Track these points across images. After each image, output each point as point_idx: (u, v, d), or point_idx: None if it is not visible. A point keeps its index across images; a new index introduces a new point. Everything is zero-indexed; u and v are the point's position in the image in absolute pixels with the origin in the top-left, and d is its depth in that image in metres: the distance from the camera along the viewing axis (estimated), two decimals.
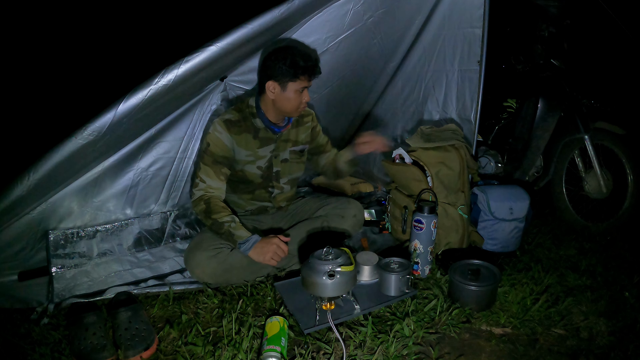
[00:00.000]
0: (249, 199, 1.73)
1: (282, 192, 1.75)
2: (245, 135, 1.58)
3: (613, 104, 2.14)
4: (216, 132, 1.54)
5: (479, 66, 1.78)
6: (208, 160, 1.54)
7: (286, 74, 1.46)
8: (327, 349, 1.12)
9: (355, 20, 1.77)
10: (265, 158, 1.64)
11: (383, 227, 2.00)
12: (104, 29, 3.80)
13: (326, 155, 1.85)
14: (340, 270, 1.14)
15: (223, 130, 1.54)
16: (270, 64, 1.48)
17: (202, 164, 1.55)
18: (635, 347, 1.14)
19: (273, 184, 1.70)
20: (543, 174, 2.23)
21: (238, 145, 1.58)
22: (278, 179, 1.71)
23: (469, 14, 1.78)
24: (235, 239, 1.46)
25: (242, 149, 1.59)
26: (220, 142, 1.54)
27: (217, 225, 1.48)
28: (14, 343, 1.18)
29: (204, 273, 1.47)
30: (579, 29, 2.18)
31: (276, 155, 1.66)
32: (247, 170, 1.63)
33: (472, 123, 1.86)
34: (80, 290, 1.46)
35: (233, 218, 1.50)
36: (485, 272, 1.36)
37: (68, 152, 1.21)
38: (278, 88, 1.50)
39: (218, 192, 1.55)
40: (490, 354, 1.14)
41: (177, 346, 1.15)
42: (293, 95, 1.50)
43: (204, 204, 1.51)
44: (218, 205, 1.51)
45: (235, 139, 1.56)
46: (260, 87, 1.55)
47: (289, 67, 1.45)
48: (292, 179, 1.76)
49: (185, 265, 1.56)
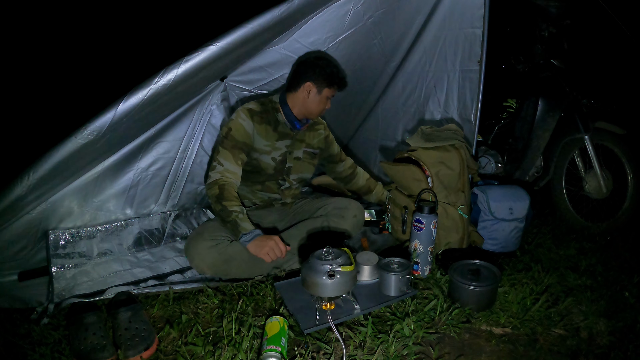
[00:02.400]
0: (259, 190, 1.77)
1: (290, 187, 1.81)
2: (266, 126, 1.68)
3: (613, 104, 2.14)
4: (240, 119, 1.61)
5: (479, 66, 1.78)
6: (228, 145, 1.59)
7: (326, 80, 1.64)
8: (327, 349, 1.12)
9: (355, 20, 1.77)
10: (281, 151, 1.71)
11: (383, 227, 2.00)
12: (104, 29, 3.80)
13: (342, 164, 2.00)
14: (340, 270, 1.14)
15: (246, 118, 1.62)
16: (313, 68, 1.64)
17: (222, 147, 1.60)
18: (635, 347, 1.14)
19: (284, 177, 1.77)
20: (543, 174, 2.23)
21: (258, 134, 1.65)
22: (289, 174, 1.78)
23: (469, 14, 1.78)
24: (240, 229, 1.48)
25: (262, 138, 1.67)
26: (242, 128, 1.61)
27: (226, 212, 1.50)
28: (14, 343, 1.18)
29: (203, 262, 1.49)
30: (579, 29, 2.18)
31: (291, 151, 1.74)
32: (262, 160, 1.69)
33: (472, 123, 1.86)
34: (80, 290, 1.46)
35: (242, 209, 1.53)
36: (485, 272, 1.36)
37: (68, 152, 1.21)
38: (315, 90, 1.65)
39: (234, 177, 1.59)
40: (490, 354, 1.14)
41: (177, 346, 1.15)
42: (324, 100, 1.68)
43: (217, 189, 1.53)
44: (231, 193, 1.54)
45: (256, 127, 1.65)
46: (294, 85, 1.67)
47: (329, 74, 1.64)
48: (302, 177, 1.84)
49: (185, 254, 1.58)
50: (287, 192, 1.82)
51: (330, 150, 1.94)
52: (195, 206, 1.98)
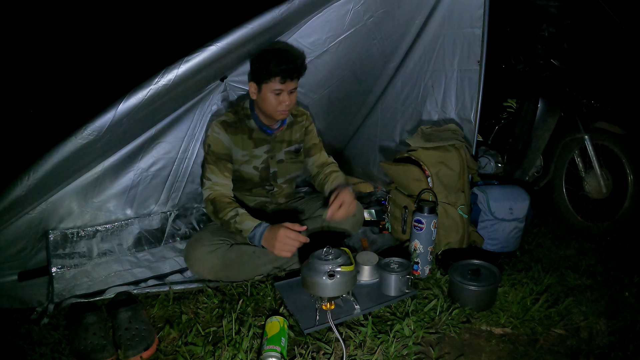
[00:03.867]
0: (248, 195, 1.77)
1: (280, 190, 1.79)
2: (241, 135, 1.64)
3: (613, 104, 2.14)
4: (214, 133, 1.60)
5: (479, 66, 1.78)
6: (211, 160, 1.59)
7: (260, 75, 1.49)
8: (327, 349, 1.12)
9: (355, 20, 1.77)
10: (261, 158, 1.68)
11: (383, 227, 2.00)
12: (104, 29, 3.80)
13: (312, 159, 1.79)
14: (340, 270, 1.14)
15: (220, 131, 1.60)
16: (251, 66, 1.53)
17: (207, 164, 1.60)
18: (635, 347, 1.14)
19: (271, 184, 1.75)
20: (543, 174, 2.23)
21: (235, 145, 1.63)
22: (275, 179, 1.75)
23: (469, 14, 1.78)
24: (243, 233, 1.45)
25: (239, 149, 1.64)
26: (219, 141, 1.59)
27: (225, 223, 1.49)
28: (14, 343, 1.18)
29: (203, 268, 1.49)
30: (579, 29, 2.18)
31: (272, 156, 1.70)
32: (244, 170, 1.67)
33: (472, 123, 1.86)
34: (80, 290, 1.46)
35: (237, 212, 1.48)
36: (485, 272, 1.36)
37: (68, 152, 1.20)
38: (256, 89, 1.54)
39: (223, 188, 1.57)
40: (490, 354, 1.14)
41: (177, 346, 1.15)
42: (269, 97, 1.51)
43: (210, 204, 1.53)
44: (223, 202, 1.52)
45: (232, 139, 1.62)
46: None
47: (262, 68, 1.48)
48: (290, 178, 1.80)
49: (185, 261, 1.57)
50: (278, 194, 1.80)
51: (305, 142, 1.79)
52: (195, 206, 1.98)
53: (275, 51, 1.50)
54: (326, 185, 1.69)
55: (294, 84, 1.53)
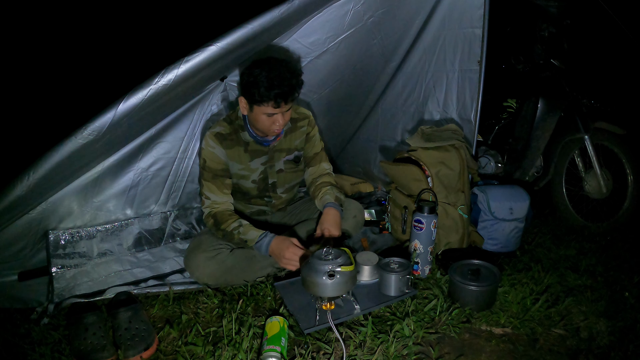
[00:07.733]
0: (247, 204, 1.75)
1: (280, 199, 1.76)
2: (237, 148, 1.57)
3: (613, 104, 2.14)
4: (209, 147, 1.53)
5: (479, 66, 1.78)
6: (208, 176, 1.54)
7: (251, 96, 1.38)
8: (327, 349, 1.12)
9: (356, 20, 1.77)
10: (258, 171, 1.63)
11: (383, 227, 2.00)
12: (104, 29, 3.80)
13: (310, 170, 1.72)
14: (340, 270, 1.14)
15: (216, 145, 1.53)
16: (243, 80, 1.39)
17: (204, 180, 1.55)
18: (635, 347, 1.14)
19: (270, 195, 1.72)
20: (543, 174, 2.23)
21: (231, 159, 1.57)
22: (275, 189, 1.71)
23: (469, 14, 1.78)
24: (248, 243, 1.47)
25: (235, 162, 1.58)
26: (215, 156, 1.53)
27: (228, 234, 1.49)
28: (14, 343, 1.18)
29: (203, 274, 1.47)
30: (579, 29, 2.18)
31: (271, 166, 1.64)
32: (242, 184, 1.64)
33: (472, 123, 1.86)
34: (80, 290, 1.46)
35: (240, 222, 1.50)
36: (485, 272, 1.36)
37: (68, 152, 1.21)
38: (247, 105, 1.43)
39: (224, 205, 1.56)
40: (490, 354, 1.14)
41: (177, 346, 1.15)
42: (261, 118, 1.41)
43: (211, 218, 1.53)
44: (224, 214, 1.52)
45: (228, 153, 1.55)
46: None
47: (253, 90, 1.35)
48: (290, 187, 1.76)
49: (185, 268, 1.56)
50: (277, 202, 1.76)
51: (306, 149, 1.70)
52: (195, 206, 1.98)
53: (269, 69, 1.35)
54: (316, 200, 1.68)
55: (290, 104, 1.43)
